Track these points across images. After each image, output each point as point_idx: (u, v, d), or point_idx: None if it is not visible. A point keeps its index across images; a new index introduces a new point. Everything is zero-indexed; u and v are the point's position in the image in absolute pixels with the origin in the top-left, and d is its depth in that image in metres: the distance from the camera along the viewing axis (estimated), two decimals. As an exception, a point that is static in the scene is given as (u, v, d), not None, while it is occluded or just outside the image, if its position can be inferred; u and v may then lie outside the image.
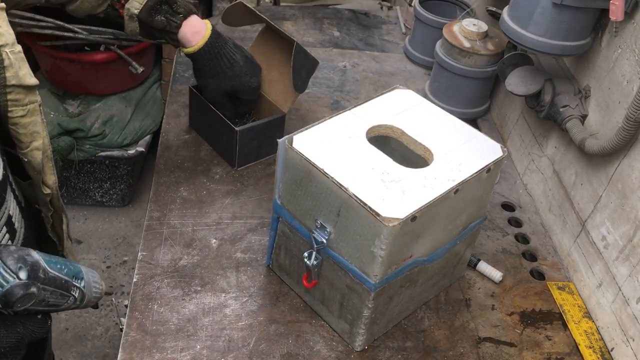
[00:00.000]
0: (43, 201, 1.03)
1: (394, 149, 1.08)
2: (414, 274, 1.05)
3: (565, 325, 1.18)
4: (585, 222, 1.23)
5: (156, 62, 2.68)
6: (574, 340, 1.15)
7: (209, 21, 1.28)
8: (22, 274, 0.83)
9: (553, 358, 1.12)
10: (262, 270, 1.20)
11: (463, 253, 1.17)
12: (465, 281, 1.24)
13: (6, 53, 0.83)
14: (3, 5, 0.84)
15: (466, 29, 1.55)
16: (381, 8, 2.18)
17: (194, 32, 1.24)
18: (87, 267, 0.97)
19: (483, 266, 1.25)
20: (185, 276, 1.17)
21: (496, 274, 1.23)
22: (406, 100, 1.15)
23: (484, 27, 1.56)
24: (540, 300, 1.22)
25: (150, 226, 1.25)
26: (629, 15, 1.11)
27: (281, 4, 2.60)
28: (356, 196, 0.92)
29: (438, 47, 1.62)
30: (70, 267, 0.92)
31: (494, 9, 1.65)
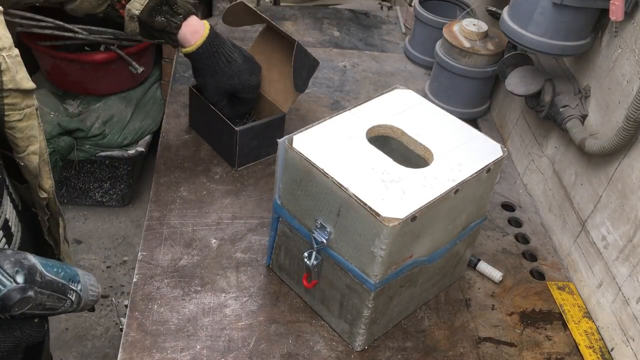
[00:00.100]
0: (40, 205, 1.03)
1: (394, 149, 1.08)
2: (414, 274, 1.05)
3: (565, 325, 1.18)
4: (585, 222, 1.23)
5: (156, 62, 2.68)
6: (574, 340, 1.15)
7: (210, 20, 1.29)
8: (19, 278, 0.83)
9: (553, 358, 1.12)
10: (262, 270, 1.20)
11: (463, 253, 1.17)
12: (465, 281, 1.24)
13: (3, 57, 0.82)
14: (0, 8, 0.83)
15: (466, 29, 1.55)
16: (381, 8, 2.18)
17: (193, 32, 1.24)
18: (84, 271, 0.97)
19: (483, 266, 1.25)
20: (185, 276, 1.17)
21: (496, 274, 1.23)
22: (406, 100, 1.15)
23: (484, 27, 1.56)
24: (540, 300, 1.22)
25: (150, 226, 1.25)
26: (629, 15, 1.11)
27: (281, 4, 2.60)
28: (356, 196, 0.92)
29: (438, 47, 1.62)
30: (66, 271, 0.92)
31: (494, 9, 1.65)
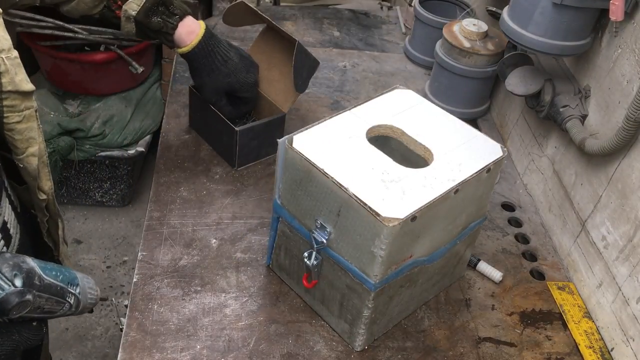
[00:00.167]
0: (39, 206, 1.03)
1: (394, 149, 1.08)
2: (414, 274, 1.05)
3: (565, 325, 1.18)
4: (585, 222, 1.23)
5: (156, 62, 2.68)
6: (574, 340, 1.15)
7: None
8: (18, 282, 0.83)
9: (553, 358, 1.12)
10: (262, 270, 1.20)
11: (463, 253, 1.17)
12: (465, 281, 1.24)
13: (2, 59, 0.82)
14: None
15: (466, 29, 1.55)
16: (381, 8, 2.18)
17: (189, 32, 1.24)
18: (83, 273, 0.97)
19: (483, 266, 1.25)
20: (185, 276, 1.17)
21: (496, 274, 1.23)
22: (406, 100, 1.15)
23: (484, 27, 1.56)
24: (540, 300, 1.22)
25: (150, 226, 1.25)
26: (629, 15, 1.11)
27: (281, 4, 2.60)
28: (356, 196, 0.92)
29: (438, 47, 1.62)
30: (65, 274, 0.92)
31: (494, 9, 1.65)
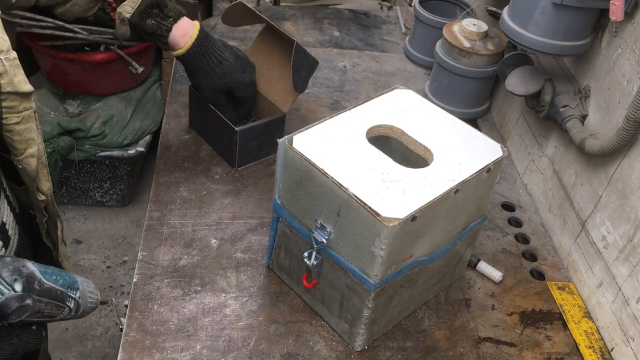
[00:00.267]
0: (37, 207, 1.03)
1: (394, 149, 1.08)
2: (414, 274, 1.05)
3: (565, 325, 1.18)
4: (585, 222, 1.23)
5: (156, 62, 2.68)
6: (574, 340, 1.15)
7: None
8: (18, 286, 0.83)
9: (553, 358, 1.12)
10: (262, 270, 1.20)
11: (463, 253, 1.17)
12: (465, 281, 1.24)
13: (1, 60, 0.82)
14: None
15: (466, 29, 1.55)
16: (381, 8, 2.18)
17: (183, 34, 1.24)
18: (83, 277, 0.97)
19: (483, 266, 1.25)
20: (185, 276, 1.17)
21: (496, 274, 1.23)
22: (406, 100, 1.15)
23: (484, 27, 1.56)
24: (540, 300, 1.22)
25: (150, 226, 1.25)
26: (629, 15, 1.11)
27: (281, 4, 2.60)
28: (356, 196, 0.92)
29: (438, 47, 1.62)
30: (65, 278, 0.91)
31: (494, 9, 1.65)
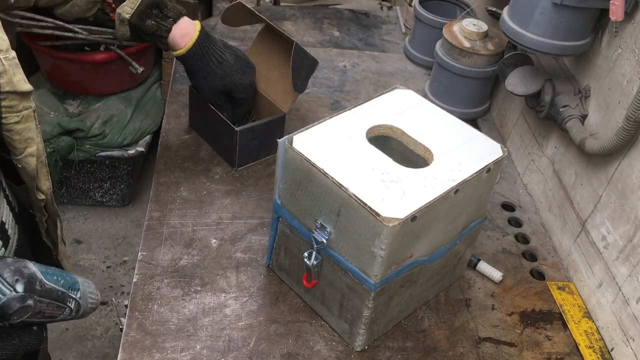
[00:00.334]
0: (37, 206, 1.03)
1: (394, 149, 1.08)
2: (414, 274, 1.05)
3: (565, 325, 1.18)
4: (585, 222, 1.23)
5: (156, 62, 2.68)
6: (574, 340, 1.15)
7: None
8: (19, 287, 0.83)
9: (553, 358, 1.12)
10: (262, 270, 1.20)
11: (463, 253, 1.17)
12: (465, 281, 1.24)
13: (0, 60, 0.82)
14: None
15: (466, 29, 1.55)
16: (381, 8, 2.18)
17: (183, 35, 1.23)
18: (83, 278, 0.97)
19: (483, 266, 1.25)
20: (185, 276, 1.17)
21: (496, 274, 1.23)
22: (406, 100, 1.15)
23: (484, 27, 1.56)
24: (540, 300, 1.22)
25: (150, 226, 1.25)
26: (629, 15, 1.11)
27: (281, 4, 2.60)
28: (356, 196, 0.92)
29: (438, 47, 1.62)
30: (66, 279, 0.91)
31: (494, 9, 1.65)
